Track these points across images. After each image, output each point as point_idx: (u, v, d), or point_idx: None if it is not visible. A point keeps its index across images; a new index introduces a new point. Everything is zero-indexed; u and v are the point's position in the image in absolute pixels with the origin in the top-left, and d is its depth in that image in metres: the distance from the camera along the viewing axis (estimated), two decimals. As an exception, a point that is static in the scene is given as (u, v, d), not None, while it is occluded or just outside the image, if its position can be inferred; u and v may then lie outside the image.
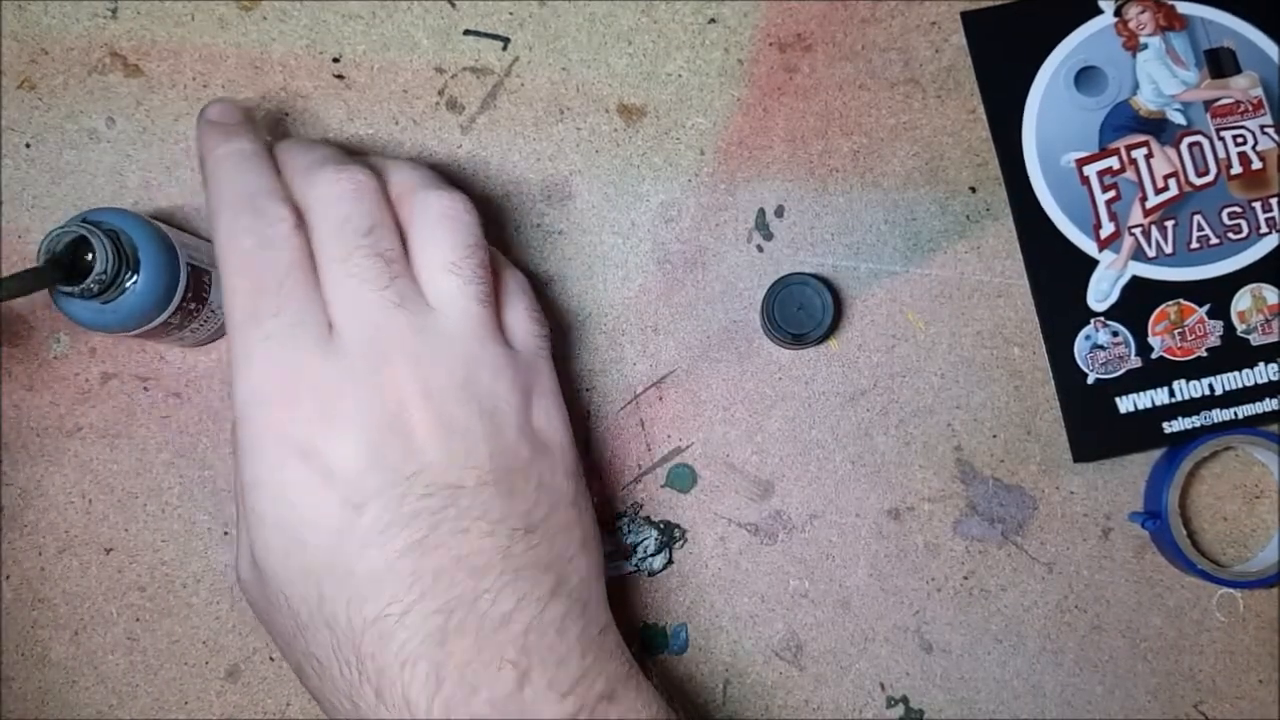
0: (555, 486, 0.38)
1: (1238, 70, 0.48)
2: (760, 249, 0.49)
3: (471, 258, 0.37)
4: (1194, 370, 0.48)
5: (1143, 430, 0.48)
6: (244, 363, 0.35)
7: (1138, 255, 0.48)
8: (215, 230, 0.37)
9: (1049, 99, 0.48)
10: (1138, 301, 0.48)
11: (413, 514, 0.34)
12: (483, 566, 0.35)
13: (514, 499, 0.36)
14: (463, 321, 0.37)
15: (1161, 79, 0.48)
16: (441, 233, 0.37)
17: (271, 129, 0.48)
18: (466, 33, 0.49)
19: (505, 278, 0.41)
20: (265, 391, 0.35)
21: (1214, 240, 0.48)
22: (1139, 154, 0.48)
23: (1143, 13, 0.48)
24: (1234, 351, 0.48)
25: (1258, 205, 0.48)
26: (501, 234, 0.49)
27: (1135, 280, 0.48)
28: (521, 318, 0.40)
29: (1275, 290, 0.48)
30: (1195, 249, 0.48)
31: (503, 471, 0.36)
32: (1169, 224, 0.48)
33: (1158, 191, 0.48)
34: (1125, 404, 0.48)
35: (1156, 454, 0.49)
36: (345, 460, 0.34)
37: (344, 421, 0.34)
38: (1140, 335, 0.48)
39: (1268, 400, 0.48)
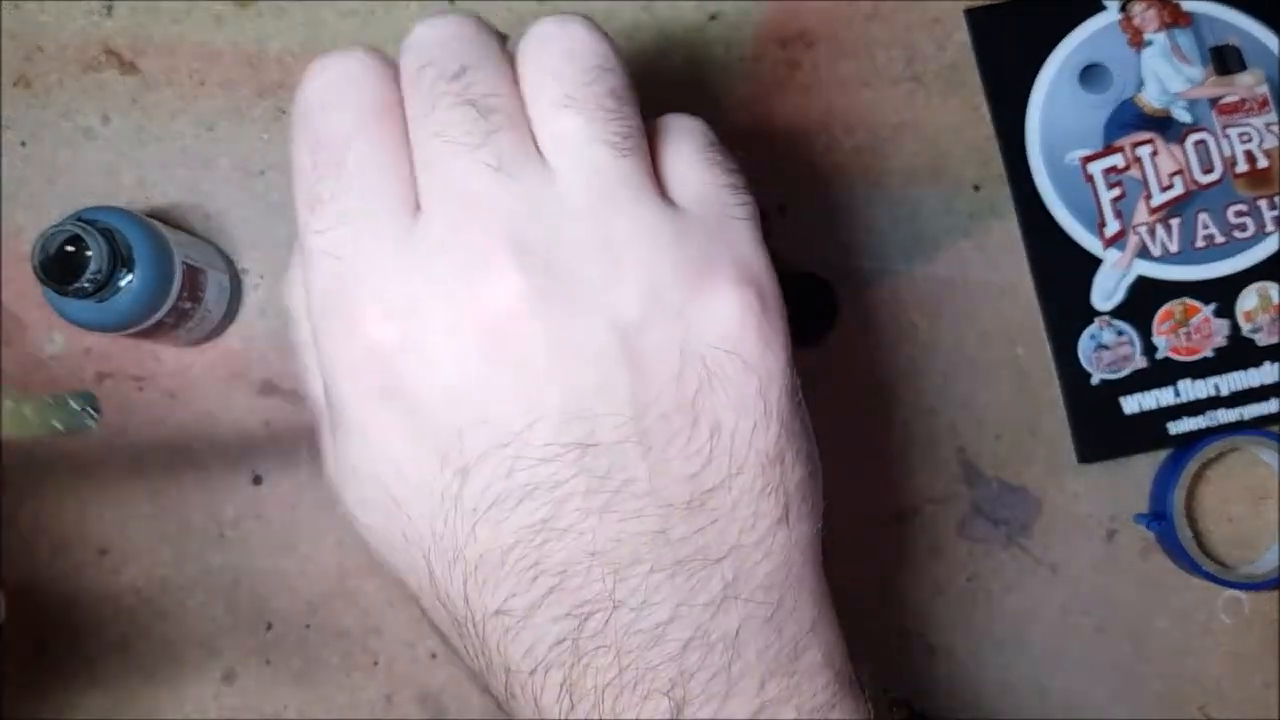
0: (742, 432, 0.26)
1: (1243, 67, 0.48)
2: (762, 248, 0.48)
3: (596, 84, 0.27)
4: (1199, 370, 0.47)
5: (1148, 431, 0.47)
6: (307, 268, 0.27)
7: (1143, 254, 0.48)
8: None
9: (1053, 96, 0.48)
10: (1143, 300, 0.47)
11: (528, 486, 0.25)
12: (626, 560, 0.25)
13: (672, 459, 0.25)
14: (591, 178, 0.26)
15: (1166, 76, 0.48)
16: (551, 57, 0.27)
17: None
18: (465, 30, 0.49)
19: (663, 119, 0.29)
20: (327, 304, 0.26)
21: (1219, 239, 0.48)
22: (1144, 151, 0.48)
23: (1147, 9, 0.48)
24: (1239, 351, 0.47)
25: (1263, 203, 0.48)
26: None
27: (1140, 279, 0.47)
28: (692, 163, 0.28)
29: (1282, 289, 0.48)
30: (1201, 247, 0.48)
31: (656, 417, 0.25)
32: (1174, 222, 0.48)
33: (1163, 189, 0.48)
34: (1130, 404, 0.47)
35: (1162, 455, 0.48)
36: (434, 403, 0.25)
37: (429, 343, 0.25)
38: (1145, 335, 0.47)
39: (1273, 401, 0.47)
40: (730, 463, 0.26)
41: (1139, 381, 0.47)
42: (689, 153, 0.28)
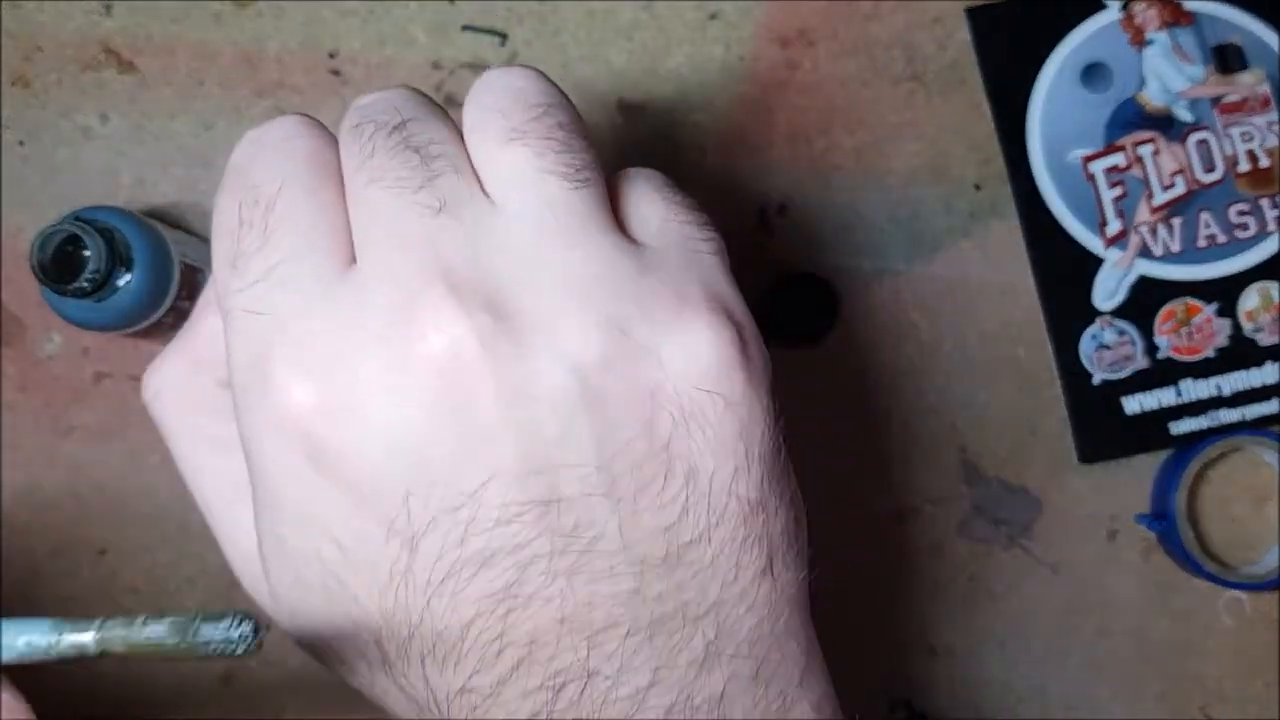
0: (720, 478, 0.24)
1: (1245, 66, 0.48)
2: (762, 247, 0.48)
3: (545, 117, 0.24)
4: (1201, 370, 0.47)
5: (1149, 431, 0.47)
6: (227, 334, 0.24)
7: (1144, 253, 0.47)
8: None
9: (1054, 95, 0.48)
10: (1144, 300, 0.47)
11: (485, 552, 0.22)
12: (600, 625, 0.23)
13: (644, 511, 0.23)
14: (542, 211, 0.24)
15: (1168, 75, 0.48)
16: (495, 96, 0.25)
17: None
18: (464, 28, 0.48)
19: (619, 172, 0.27)
20: (246, 368, 0.23)
21: (1221, 238, 0.47)
22: (1145, 151, 0.47)
23: (1148, 8, 0.48)
24: (1242, 351, 0.47)
25: (1265, 203, 0.48)
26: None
27: (1142, 279, 0.47)
28: (653, 202, 0.26)
29: (1283, 289, 0.48)
30: (1203, 247, 0.47)
31: (625, 467, 0.23)
32: (1176, 222, 0.47)
33: (1165, 189, 0.47)
34: (1132, 404, 0.47)
35: (1163, 455, 0.48)
36: (372, 466, 0.22)
37: (359, 399, 0.22)
38: (1147, 334, 0.47)
39: (1275, 401, 0.47)
40: (709, 513, 0.23)
41: (1140, 381, 0.47)
42: (647, 191, 0.27)
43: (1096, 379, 0.47)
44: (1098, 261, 0.47)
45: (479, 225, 0.23)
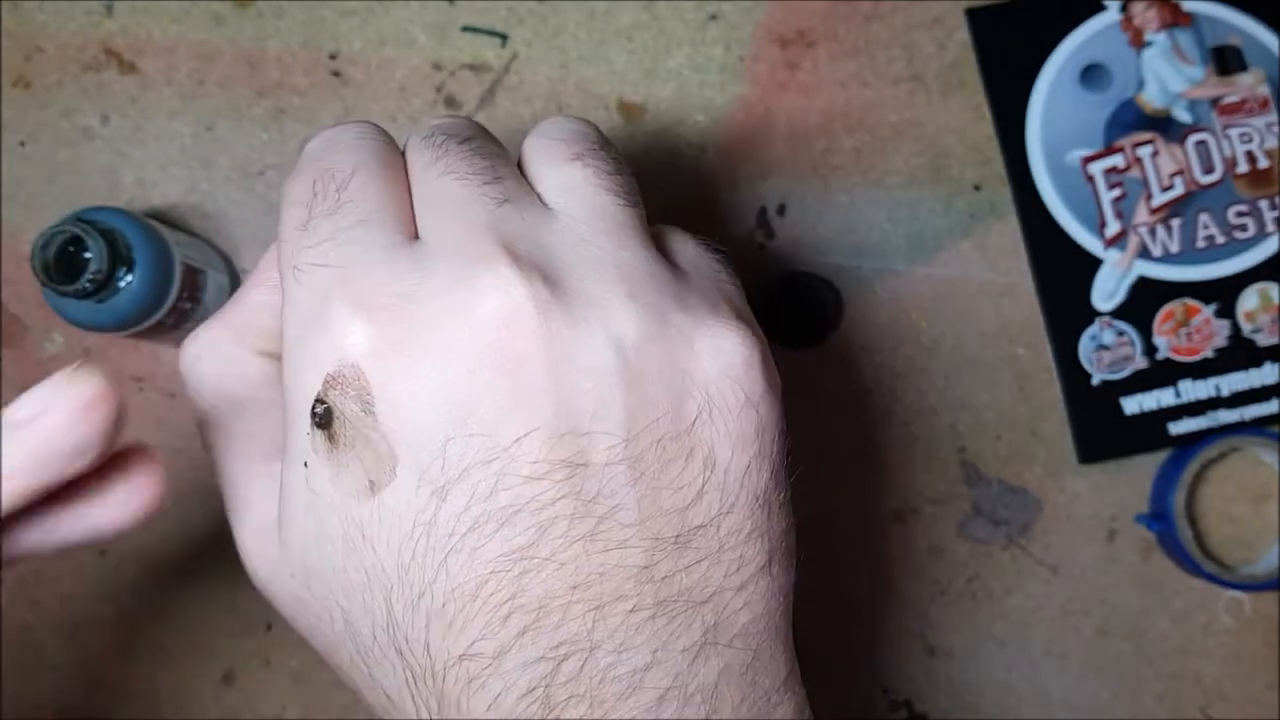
0: (735, 468, 0.25)
1: (1244, 67, 0.48)
2: (762, 248, 0.48)
3: (602, 150, 0.27)
4: (1200, 370, 0.47)
5: (1149, 431, 0.47)
6: (290, 289, 0.25)
7: (1143, 254, 0.47)
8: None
9: (1054, 96, 0.48)
10: (1143, 301, 0.47)
11: (511, 508, 0.23)
12: (609, 596, 0.24)
13: (663, 489, 0.24)
14: (595, 216, 0.26)
15: (1167, 76, 0.48)
16: (557, 129, 0.28)
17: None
18: (464, 29, 0.48)
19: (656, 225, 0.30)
20: (310, 309, 0.24)
21: (1220, 239, 0.47)
22: (1145, 152, 0.48)
23: (1148, 9, 0.48)
24: (1240, 351, 0.47)
25: (1264, 204, 0.48)
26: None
27: (1141, 279, 0.47)
28: (684, 240, 0.29)
29: (1283, 289, 0.48)
30: (1202, 248, 0.47)
31: (650, 442, 0.24)
32: (1175, 222, 0.48)
33: (1164, 189, 0.47)
34: (1131, 405, 0.47)
35: (1162, 455, 0.48)
36: (416, 412, 0.23)
37: (417, 349, 0.23)
38: (1146, 335, 0.47)
39: (1274, 401, 0.47)
40: (721, 500, 0.25)
41: (1140, 382, 0.47)
42: (679, 233, 0.29)
43: (1096, 379, 0.47)
44: (1097, 262, 0.47)
45: (539, 219, 0.25)
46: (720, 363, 0.25)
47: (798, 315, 0.46)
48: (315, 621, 0.26)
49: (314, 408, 0.24)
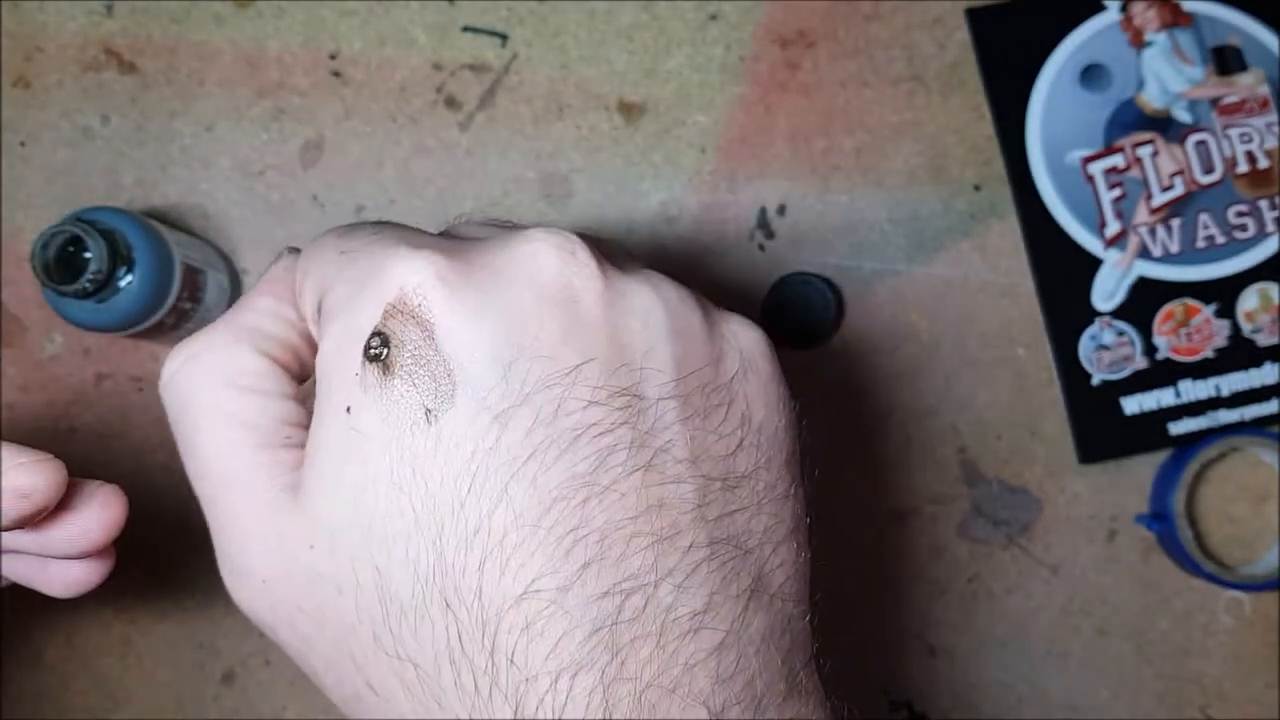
0: (768, 429, 0.26)
1: (1244, 68, 0.48)
2: (762, 248, 0.48)
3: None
4: (1200, 370, 0.47)
5: (1149, 431, 0.47)
6: (339, 268, 0.26)
7: (1143, 254, 0.47)
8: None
9: (1054, 96, 0.48)
10: (1143, 301, 0.47)
11: (574, 432, 0.23)
12: (668, 531, 0.23)
13: (710, 433, 0.25)
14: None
15: (1167, 76, 0.48)
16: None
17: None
18: (465, 29, 0.48)
19: None
20: (362, 275, 0.25)
21: (1220, 239, 0.47)
22: (1145, 152, 0.48)
23: (1148, 9, 0.48)
24: (1240, 352, 0.47)
25: (1264, 204, 0.48)
26: (500, 233, 0.48)
27: (1141, 279, 0.47)
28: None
29: (1283, 289, 0.48)
30: (1202, 248, 0.47)
31: (696, 386, 0.25)
32: (1175, 223, 0.48)
33: (1164, 190, 0.47)
34: (1131, 405, 0.47)
35: (1162, 455, 0.48)
36: (481, 341, 0.23)
37: (480, 286, 0.24)
38: (1146, 335, 0.47)
39: (1274, 401, 0.47)
40: (758, 455, 0.26)
41: (1140, 382, 0.47)
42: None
43: (1096, 379, 0.47)
44: (1097, 262, 0.47)
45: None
46: (752, 334, 0.27)
47: (798, 315, 0.46)
48: (333, 596, 0.24)
49: (369, 342, 0.24)
